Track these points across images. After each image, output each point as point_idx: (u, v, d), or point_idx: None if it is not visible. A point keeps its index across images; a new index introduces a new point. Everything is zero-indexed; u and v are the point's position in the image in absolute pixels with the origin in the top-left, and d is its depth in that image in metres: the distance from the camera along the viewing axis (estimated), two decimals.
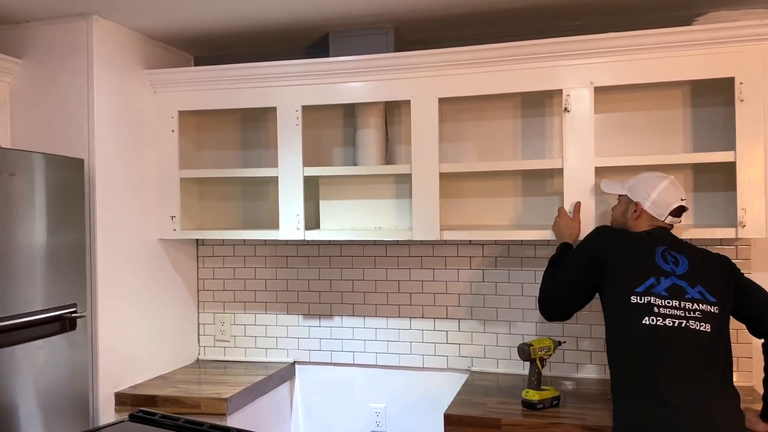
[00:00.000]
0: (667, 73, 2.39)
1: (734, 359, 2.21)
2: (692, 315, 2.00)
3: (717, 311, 2.02)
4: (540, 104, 2.78)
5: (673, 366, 1.95)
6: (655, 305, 2.01)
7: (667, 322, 1.98)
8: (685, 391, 1.91)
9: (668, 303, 2.01)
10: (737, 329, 2.42)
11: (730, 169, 2.34)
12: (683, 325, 1.98)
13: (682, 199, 2.22)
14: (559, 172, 2.50)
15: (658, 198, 2.21)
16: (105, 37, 2.62)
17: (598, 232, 2.24)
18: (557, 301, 2.27)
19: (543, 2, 2.48)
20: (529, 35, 2.53)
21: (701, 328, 1.98)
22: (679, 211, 2.22)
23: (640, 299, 2.03)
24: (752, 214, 2.30)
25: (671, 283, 2.05)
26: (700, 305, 2.01)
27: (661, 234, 2.19)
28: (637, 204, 2.24)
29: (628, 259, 2.11)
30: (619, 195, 2.33)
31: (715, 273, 2.09)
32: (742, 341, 2.55)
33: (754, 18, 2.47)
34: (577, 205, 2.45)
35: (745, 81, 2.30)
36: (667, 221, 2.21)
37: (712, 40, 2.32)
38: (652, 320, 1.99)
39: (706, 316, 2.00)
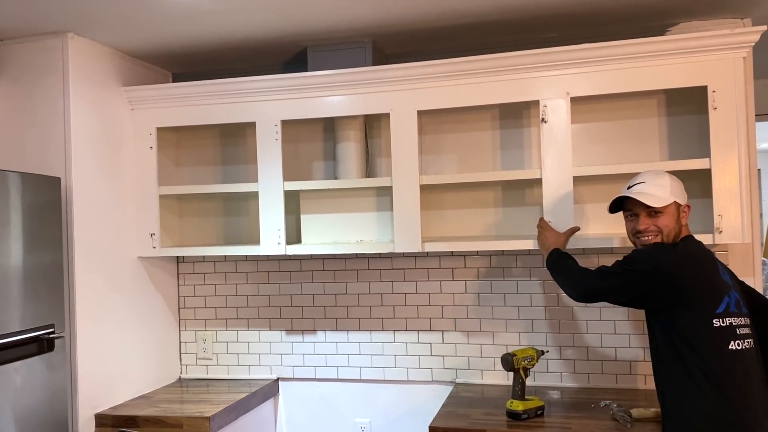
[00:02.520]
0: (642, 83, 2.42)
1: None
2: (751, 332, 1.94)
3: (750, 322, 1.98)
4: (518, 115, 2.80)
5: (756, 392, 1.89)
6: (736, 327, 1.91)
7: (746, 344, 1.90)
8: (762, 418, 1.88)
9: (741, 321, 1.92)
10: None
11: (705, 176, 2.37)
12: (751, 345, 1.92)
13: None
14: (538, 182, 2.52)
15: (685, 197, 2.14)
16: (81, 55, 2.60)
17: (670, 258, 2.01)
18: (601, 300, 2.17)
19: (519, 15, 2.50)
20: (506, 47, 2.56)
21: (753, 346, 1.94)
22: None
23: (723, 321, 1.90)
24: (728, 220, 2.33)
25: (735, 297, 1.95)
26: (747, 319, 1.96)
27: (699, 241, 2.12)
28: (688, 206, 2.13)
29: (709, 281, 1.97)
30: (663, 206, 2.08)
31: (736, 282, 2.07)
32: None
33: (725, 27, 2.52)
34: (575, 229, 2.42)
35: (717, 89, 2.34)
36: None
37: (685, 50, 2.36)
38: (738, 344, 1.89)
39: (752, 331, 1.96)
